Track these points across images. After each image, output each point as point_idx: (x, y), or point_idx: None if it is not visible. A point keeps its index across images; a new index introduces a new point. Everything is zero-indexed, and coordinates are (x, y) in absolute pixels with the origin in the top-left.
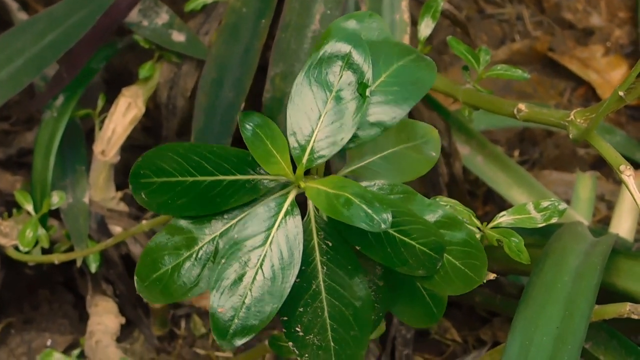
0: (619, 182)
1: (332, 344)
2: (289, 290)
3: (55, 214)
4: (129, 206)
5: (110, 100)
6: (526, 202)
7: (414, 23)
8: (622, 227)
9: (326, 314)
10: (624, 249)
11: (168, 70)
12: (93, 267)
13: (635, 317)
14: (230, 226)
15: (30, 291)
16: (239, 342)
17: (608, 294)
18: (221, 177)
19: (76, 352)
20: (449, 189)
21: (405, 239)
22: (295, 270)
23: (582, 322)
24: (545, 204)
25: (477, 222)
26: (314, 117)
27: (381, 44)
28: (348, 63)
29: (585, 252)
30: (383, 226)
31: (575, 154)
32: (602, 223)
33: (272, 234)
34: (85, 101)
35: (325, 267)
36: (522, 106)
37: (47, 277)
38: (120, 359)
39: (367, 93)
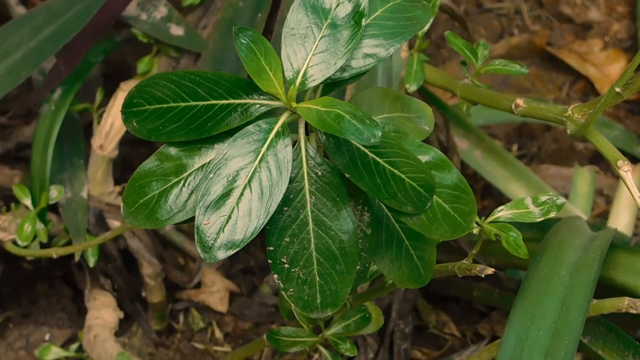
0: (617, 177)
1: (317, 278)
2: (275, 207)
3: (53, 208)
4: None
5: (108, 95)
6: (524, 197)
7: None
8: (620, 221)
9: (312, 246)
10: (622, 244)
11: (166, 64)
12: (91, 262)
13: (634, 311)
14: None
15: (28, 285)
16: (223, 255)
17: (606, 288)
18: (214, 102)
19: (74, 346)
20: None
21: (395, 170)
22: (283, 188)
23: (579, 316)
24: (543, 198)
25: (476, 217)
26: (308, 42)
27: None
28: None
29: (583, 246)
30: (372, 140)
31: (573, 149)
32: (600, 217)
33: (262, 152)
34: (84, 95)
35: (313, 197)
36: (520, 101)
37: (45, 271)
38: (119, 353)
39: (363, 23)
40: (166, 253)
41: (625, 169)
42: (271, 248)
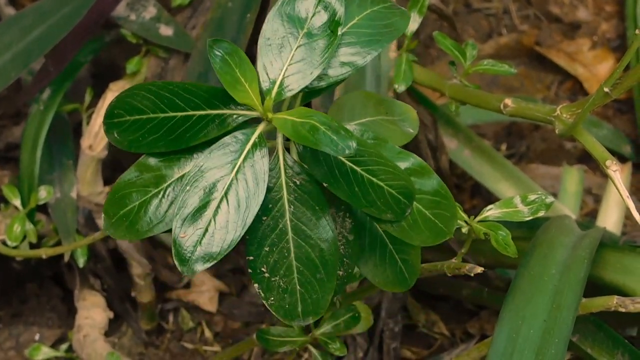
0: (606, 176)
1: (298, 287)
2: (252, 218)
3: (43, 208)
4: None
5: (97, 95)
6: (513, 196)
7: None
8: (609, 220)
9: (292, 255)
10: (611, 242)
11: (155, 64)
12: (81, 262)
13: (622, 309)
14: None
15: (18, 285)
16: (200, 268)
17: (595, 287)
18: (191, 113)
19: (64, 346)
20: None
21: (373, 179)
22: (260, 199)
23: (569, 314)
24: (532, 197)
25: (465, 216)
26: (285, 51)
27: None
28: (321, 0)
29: (572, 245)
30: (347, 151)
31: (562, 148)
32: (589, 216)
33: (238, 164)
34: (73, 96)
35: (292, 206)
36: (508, 101)
37: (35, 271)
38: (108, 353)
39: (339, 31)
40: (156, 253)
41: (613, 168)
42: (251, 257)
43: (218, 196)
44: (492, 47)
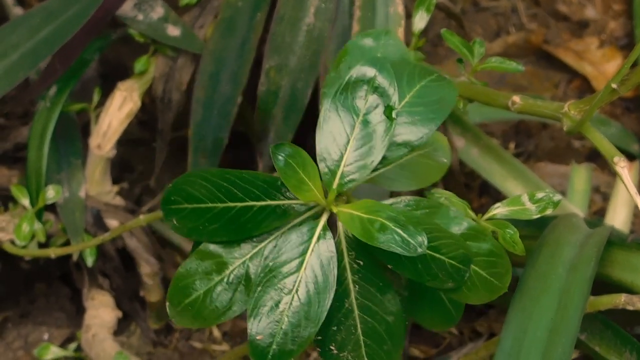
0: (614, 174)
1: (365, 359)
2: (325, 314)
3: (51, 208)
4: (125, 200)
5: (105, 95)
6: (521, 194)
7: (409, 16)
8: (617, 218)
9: (359, 330)
10: (619, 240)
11: (163, 64)
12: (89, 261)
13: (631, 308)
14: (260, 249)
15: (26, 285)
16: None
17: (603, 285)
18: (251, 203)
19: (73, 345)
20: (445, 181)
21: (436, 254)
22: (331, 295)
23: (577, 313)
24: (539, 195)
25: (472, 214)
26: (342, 142)
27: (402, 65)
28: (373, 87)
29: (580, 243)
30: (419, 250)
31: (570, 146)
32: (597, 215)
33: (306, 260)
34: (81, 95)
35: (357, 286)
36: (516, 98)
37: (43, 271)
38: (117, 352)
39: (394, 115)
40: (164, 252)
41: (621, 165)
42: (319, 337)
43: (289, 293)
44: (500, 46)
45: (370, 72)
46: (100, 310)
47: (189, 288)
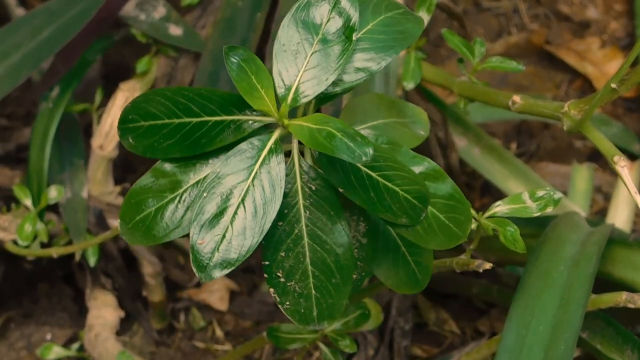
0: (616, 174)
1: (313, 291)
2: (269, 225)
3: (53, 208)
4: None
5: (108, 95)
6: (521, 192)
7: None
8: (618, 218)
9: (308, 259)
10: (620, 239)
11: (165, 64)
12: (92, 261)
13: (632, 306)
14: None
15: (29, 285)
16: (218, 274)
17: (605, 283)
18: (207, 118)
19: (76, 345)
20: None
21: (389, 184)
22: (277, 206)
23: (578, 310)
24: (540, 193)
25: (473, 212)
26: (300, 57)
27: None
28: (335, 6)
29: (581, 241)
30: (364, 158)
31: (572, 146)
32: (599, 214)
33: (255, 170)
34: (84, 96)
35: (307, 212)
36: (516, 98)
37: (46, 271)
38: (120, 352)
39: (354, 37)
40: (166, 252)
41: (621, 164)
42: (267, 262)
43: (235, 202)
44: (502, 46)
45: None
46: (103, 310)
47: (142, 205)
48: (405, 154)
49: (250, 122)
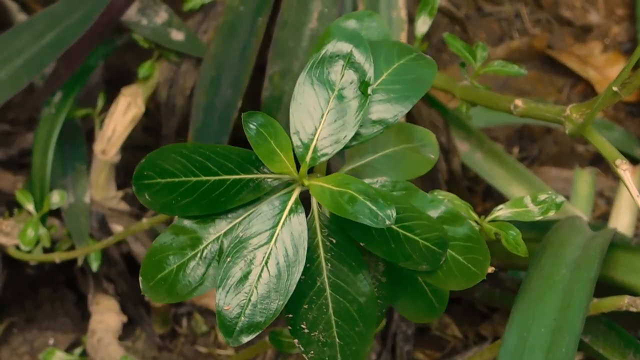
0: (618, 178)
1: (337, 340)
2: (294, 287)
3: (56, 213)
4: (129, 205)
5: (110, 100)
6: (524, 196)
7: (412, 20)
8: (621, 222)
9: (331, 310)
10: (622, 243)
11: (167, 69)
12: (94, 266)
13: (634, 309)
14: (235, 225)
15: (32, 290)
16: (246, 339)
17: (607, 287)
18: (225, 177)
19: (78, 350)
20: (448, 185)
21: (409, 234)
22: (301, 267)
23: (580, 313)
24: (542, 197)
25: (475, 216)
26: (316, 115)
27: (381, 44)
28: (350, 62)
29: (583, 244)
30: (387, 222)
31: (574, 151)
32: (601, 219)
33: (276, 232)
34: (86, 101)
35: (329, 264)
36: (518, 102)
37: (48, 276)
38: (122, 357)
39: (369, 91)
40: None
41: (623, 167)
42: (290, 315)
43: (258, 265)
44: (504, 51)
45: (346, 47)
46: (106, 315)
47: (163, 263)
48: (422, 199)
49: (270, 180)
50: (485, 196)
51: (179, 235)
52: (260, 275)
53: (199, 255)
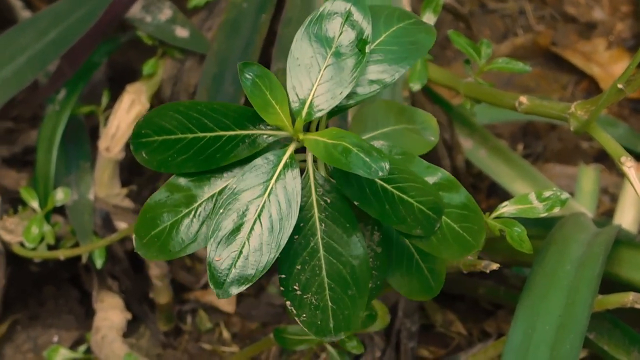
0: (622, 175)
1: (329, 303)
2: (286, 240)
3: (60, 210)
4: (134, 202)
5: (114, 97)
6: (528, 192)
7: None
8: (625, 219)
9: (324, 272)
10: (627, 240)
11: (171, 66)
12: (98, 263)
13: (639, 306)
14: (229, 184)
15: (36, 287)
16: (235, 290)
17: (612, 284)
18: (221, 133)
19: (82, 347)
20: None
21: (404, 196)
22: (293, 221)
23: (585, 310)
24: (547, 193)
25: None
26: (313, 71)
27: (382, 8)
28: (348, 19)
29: (587, 241)
30: (380, 173)
31: (578, 147)
32: (605, 215)
33: (270, 185)
34: (90, 98)
35: (323, 224)
36: (523, 99)
37: (52, 273)
38: (126, 354)
39: (367, 50)
40: None
41: (628, 164)
42: (283, 276)
43: (251, 218)
44: (508, 48)
45: (345, 5)
46: (110, 312)
47: (156, 220)
48: (419, 165)
49: (265, 136)
50: (489, 193)
51: (173, 193)
52: (252, 228)
53: (193, 213)
